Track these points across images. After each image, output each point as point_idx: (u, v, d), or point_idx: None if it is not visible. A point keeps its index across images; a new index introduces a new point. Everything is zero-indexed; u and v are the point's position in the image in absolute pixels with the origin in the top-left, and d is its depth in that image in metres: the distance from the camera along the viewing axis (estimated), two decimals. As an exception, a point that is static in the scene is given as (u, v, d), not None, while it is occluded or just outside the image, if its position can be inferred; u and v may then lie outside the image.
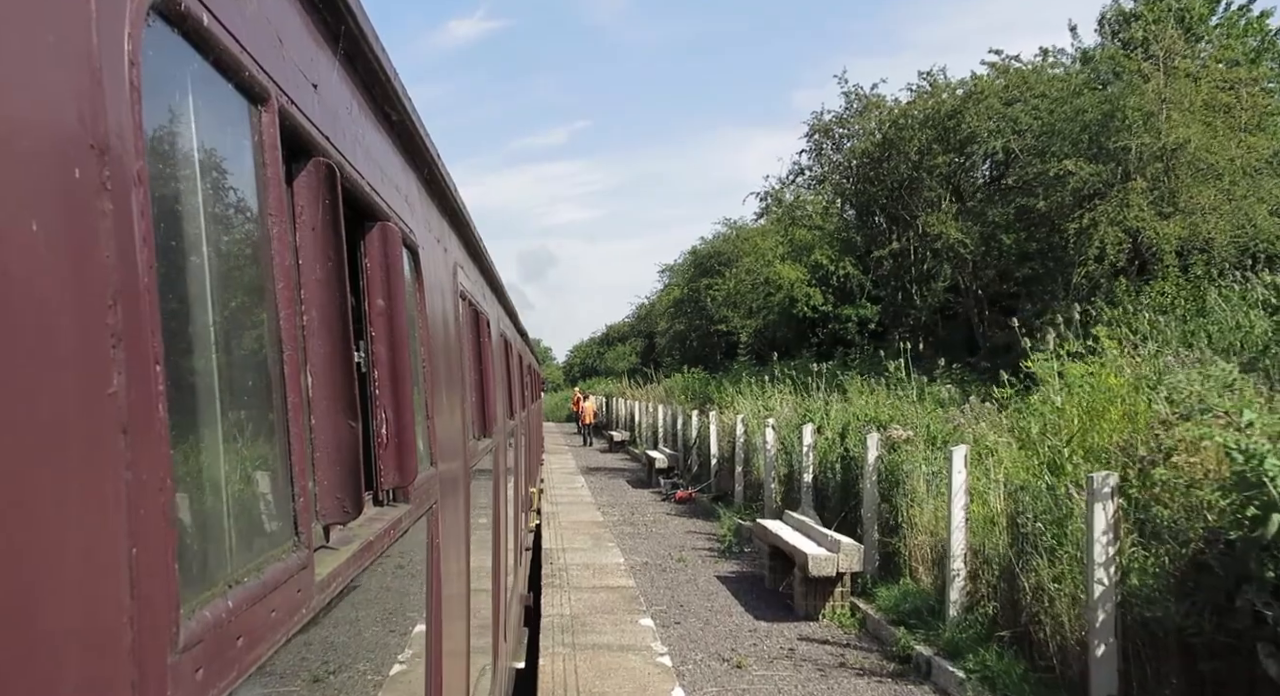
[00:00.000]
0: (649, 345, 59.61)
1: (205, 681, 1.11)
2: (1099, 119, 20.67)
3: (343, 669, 2.05)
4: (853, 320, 33.65)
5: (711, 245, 44.94)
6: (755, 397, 21.30)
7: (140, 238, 0.99)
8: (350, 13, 2.00)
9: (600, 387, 56.29)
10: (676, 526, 18.16)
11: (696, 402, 27.11)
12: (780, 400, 19.60)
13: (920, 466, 11.06)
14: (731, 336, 39.98)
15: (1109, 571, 7.00)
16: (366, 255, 2.39)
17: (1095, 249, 20.05)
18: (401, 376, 2.41)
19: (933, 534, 10.55)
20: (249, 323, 1.53)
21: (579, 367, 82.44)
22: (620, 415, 43.76)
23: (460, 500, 3.83)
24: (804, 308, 34.41)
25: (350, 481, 1.84)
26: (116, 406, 0.93)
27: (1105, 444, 8.48)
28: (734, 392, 23.21)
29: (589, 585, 12.29)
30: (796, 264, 35.20)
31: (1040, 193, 21.88)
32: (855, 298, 33.85)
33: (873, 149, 26.69)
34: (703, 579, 13.45)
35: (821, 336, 34.77)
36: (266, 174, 1.53)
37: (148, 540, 0.97)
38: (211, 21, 1.24)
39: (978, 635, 8.70)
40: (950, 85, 25.52)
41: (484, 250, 5.98)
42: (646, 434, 34.50)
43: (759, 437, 17.70)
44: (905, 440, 11.86)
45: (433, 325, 3.26)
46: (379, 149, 2.51)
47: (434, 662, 2.97)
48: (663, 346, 52.36)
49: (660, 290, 57.41)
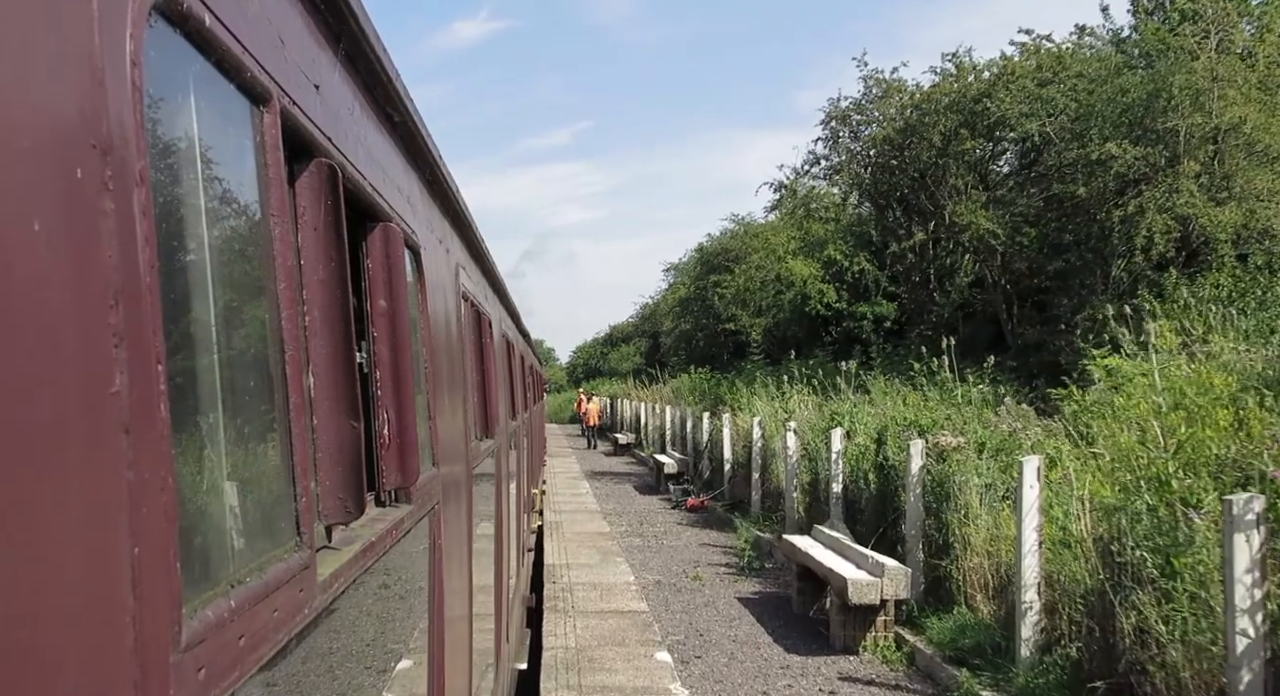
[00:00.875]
0: (653, 345, 58.82)
1: (207, 680, 1.11)
2: (1143, 99, 19.10)
3: (345, 668, 2.05)
4: (868, 318, 32.07)
5: (719, 242, 43.74)
6: (772, 399, 20.00)
7: (142, 237, 1.00)
8: (352, 14, 2.01)
9: (605, 388, 54.80)
10: (689, 538, 16.92)
11: (707, 404, 26.02)
12: (800, 402, 18.27)
13: (972, 477, 9.75)
14: (740, 335, 38.61)
15: (1255, 620, 5.61)
16: (368, 256, 2.39)
17: (1142, 238, 18.44)
18: (403, 377, 2.41)
19: (991, 556, 9.24)
20: (251, 322, 1.54)
21: (582, 368, 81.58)
22: (625, 417, 42.41)
23: (462, 501, 3.83)
24: (817, 305, 32.92)
25: (352, 482, 1.84)
26: (118, 406, 0.93)
27: (1207, 456, 7.27)
28: (748, 394, 22.08)
29: (596, 609, 11.24)
30: (809, 260, 33.83)
31: (1079, 178, 20.09)
32: (870, 294, 32.33)
33: (894, 135, 25.00)
34: (722, 600, 12.11)
35: (835, 335, 33.28)
36: (268, 174, 1.53)
37: (150, 539, 0.97)
38: (213, 22, 1.24)
39: (1059, 682, 7.34)
40: (977, 67, 23.97)
41: (486, 251, 5.98)
42: (653, 436, 33.18)
43: (778, 442, 16.58)
44: (955, 448, 10.55)
45: (435, 326, 3.26)
46: (381, 149, 2.51)
47: (436, 663, 2.97)
48: (668, 346, 50.92)
49: (665, 289, 56.71)
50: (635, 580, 12.95)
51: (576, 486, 24.76)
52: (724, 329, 39.84)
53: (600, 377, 66.94)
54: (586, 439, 41.36)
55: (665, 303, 54.04)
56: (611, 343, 75.58)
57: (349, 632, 2.08)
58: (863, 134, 26.60)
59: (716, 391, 27.11)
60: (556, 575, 13.15)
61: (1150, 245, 18.56)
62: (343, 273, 1.83)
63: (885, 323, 31.98)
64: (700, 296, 43.30)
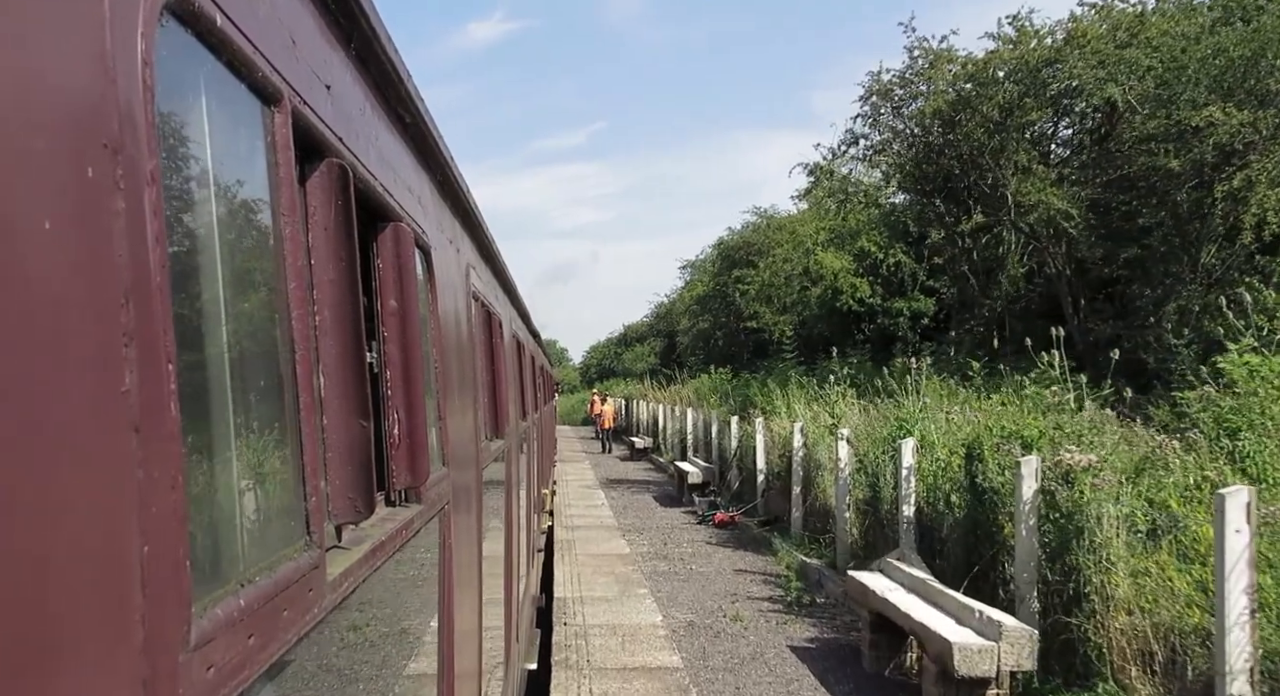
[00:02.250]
0: (669, 345, 57.90)
1: (217, 679, 1.11)
2: (1246, 57, 16.40)
3: (354, 668, 2.05)
4: (904, 314, 29.77)
5: (740, 236, 41.85)
6: (811, 401, 17.54)
7: (153, 237, 1.00)
8: (363, 14, 2.01)
9: (619, 389, 52.88)
10: (722, 561, 14.59)
11: (733, 407, 23.95)
12: (847, 405, 15.55)
13: (1109, 507, 7.61)
14: (763, 334, 36.60)
15: None
16: (379, 256, 2.39)
17: (1252, 216, 15.96)
18: (414, 377, 2.41)
19: (1148, 614, 7.12)
20: (261, 322, 1.54)
21: (596, 368, 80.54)
22: (642, 419, 40.49)
23: (472, 501, 3.83)
24: (849, 300, 30.59)
25: (362, 481, 1.84)
26: (128, 405, 0.93)
27: None
28: (783, 396, 19.53)
29: (617, 664, 9.17)
30: (840, 252, 31.54)
31: (1170, 150, 17.31)
32: (907, 289, 29.94)
33: (944, 109, 21.92)
34: (771, 651, 9.69)
35: (868, 333, 30.89)
36: (279, 174, 1.53)
37: (159, 538, 0.97)
38: (225, 22, 1.24)
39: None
40: (1040, 32, 20.91)
41: (496, 251, 5.99)
42: (672, 440, 31.09)
43: (823, 452, 14.44)
44: (1085, 469, 8.25)
45: (445, 326, 3.26)
46: (392, 150, 2.52)
47: (446, 662, 2.98)
48: (685, 345, 49.57)
49: (682, 287, 55.29)
50: (663, 621, 10.90)
51: (591, 496, 23.01)
52: (746, 327, 38.24)
53: (614, 378, 65.20)
54: (601, 442, 39.98)
55: (682, 301, 52.88)
56: (626, 342, 74.59)
57: (358, 632, 2.08)
58: (908, 109, 23.38)
59: (745, 393, 24.67)
60: (568, 612, 11.31)
61: (1263, 224, 16.10)
62: (353, 273, 1.83)
63: (923, 319, 29.78)
64: (720, 293, 41.70)
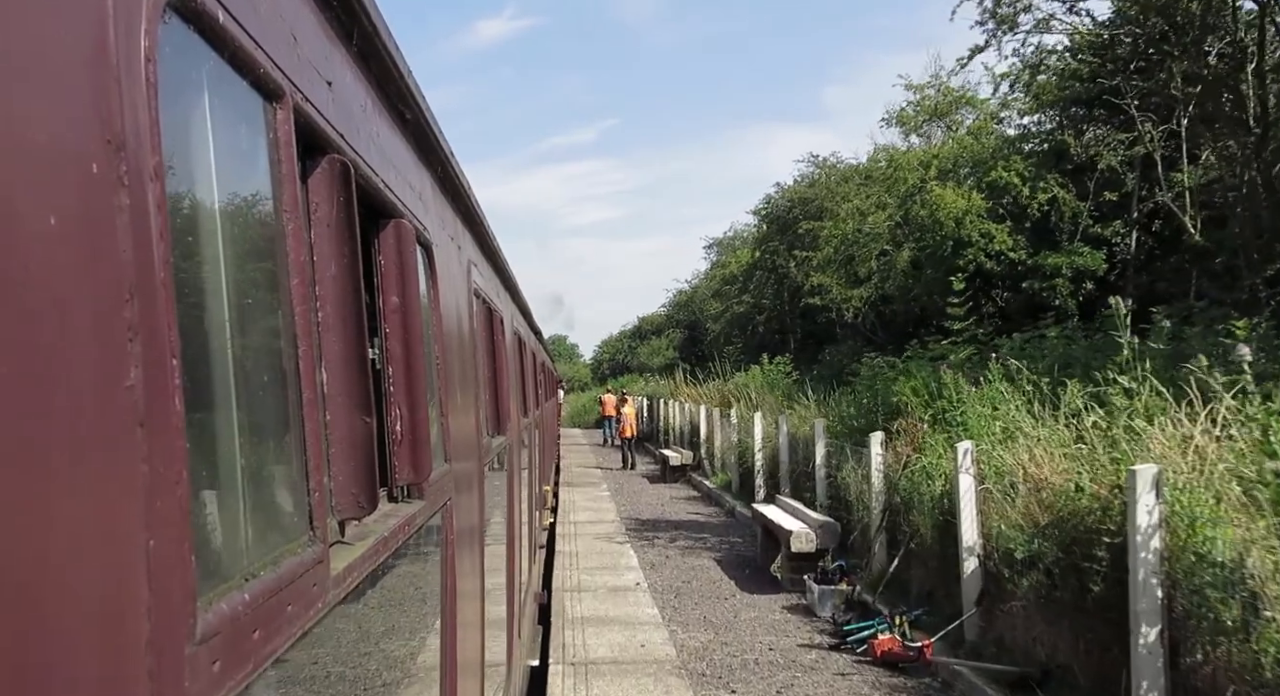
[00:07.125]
0: (689, 336, 51.36)
1: (222, 673, 1.12)
2: None
3: (357, 663, 2.06)
4: (1063, 274, 20.64)
5: (792, 192, 33.17)
6: (992, 417, 9.79)
7: (157, 232, 1.00)
8: (364, 11, 2.02)
9: (637, 387, 42.48)
10: None
11: (854, 416, 14.12)
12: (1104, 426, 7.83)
13: None
14: (824, 314, 28.89)
15: None
16: (381, 252, 2.40)
17: None
18: (416, 373, 2.42)
19: None
20: (264, 318, 1.54)
21: (608, 364, 70.89)
22: (673, 425, 30.78)
23: (474, 497, 3.84)
24: (979, 254, 21.50)
25: (365, 477, 1.85)
26: (133, 400, 0.94)
27: None
28: (977, 404, 10.26)
29: None
30: (960, 188, 22.88)
31: None
32: (1065, 239, 21.23)
33: None
34: None
35: (1003, 301, 22.06)
36: (281, 171, 1.54)
37: (164, 533, 0.98)
38: (227, 19, 1.25)
39: None
40: None
41: (498, 248, 6.00)
42: (726, 458, 21.80)
43: (1141, 514, 6.29)
44: None
45: (447, 322, 3.27)
46: (393, 147, 2.52)
47: (449, 658, 2.99)
48: (715, 333, 41.75)
49: (708, 268, 47.96)
50: None
51: (614, 559, 13.60)
52: (807, 304, 30.21)
53: (629, 375, 55.62)
54: (622, 455, 29.07)
55: (708, 284, 46.38)
56: (641, 336, 66.30)
57: (361, 627, 2.09)
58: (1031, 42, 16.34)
59: (886, 393, 13.04)
60: None
61: None
62: (355, 269, 1.84)
63: (1085, 283, 20.75)
64: (769, 264, 33.78)
